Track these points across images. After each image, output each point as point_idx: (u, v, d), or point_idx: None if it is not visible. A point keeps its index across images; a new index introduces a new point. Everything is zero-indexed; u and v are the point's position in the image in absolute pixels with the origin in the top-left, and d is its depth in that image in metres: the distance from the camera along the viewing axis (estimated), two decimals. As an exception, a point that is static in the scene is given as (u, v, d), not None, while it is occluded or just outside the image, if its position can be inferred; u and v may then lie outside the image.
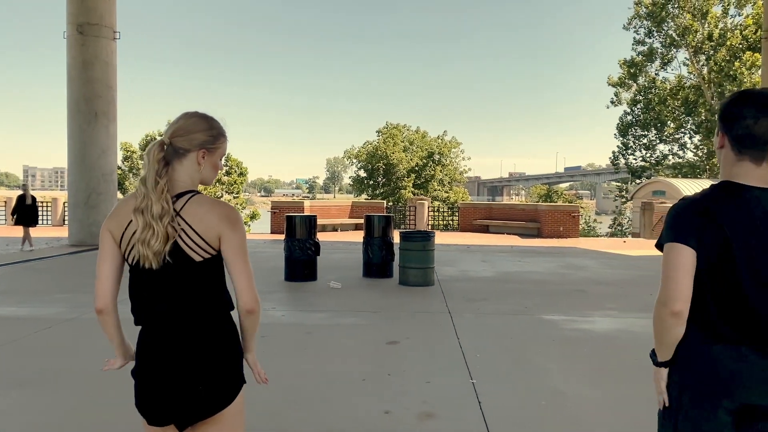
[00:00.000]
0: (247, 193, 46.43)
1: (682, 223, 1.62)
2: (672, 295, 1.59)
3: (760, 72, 15.69)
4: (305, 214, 12.57)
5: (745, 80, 31.62)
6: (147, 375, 1.81)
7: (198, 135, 1.85)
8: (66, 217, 21.83)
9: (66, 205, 21.98)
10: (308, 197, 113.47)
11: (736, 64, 32.68)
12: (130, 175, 33.41)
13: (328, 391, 4.22)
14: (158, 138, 1.89)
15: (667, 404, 1.69)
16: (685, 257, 1.59)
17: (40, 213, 22.45)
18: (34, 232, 14.43)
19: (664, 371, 1.70)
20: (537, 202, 44.97)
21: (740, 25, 33.43)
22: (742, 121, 1.62)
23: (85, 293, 7.96)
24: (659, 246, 1.68)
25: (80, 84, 14.20)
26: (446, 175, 43.17)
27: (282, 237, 9.73)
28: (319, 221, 11.74)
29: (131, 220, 1.78)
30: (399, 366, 4.84)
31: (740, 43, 32.47)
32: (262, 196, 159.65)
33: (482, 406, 3.93)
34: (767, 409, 1.58)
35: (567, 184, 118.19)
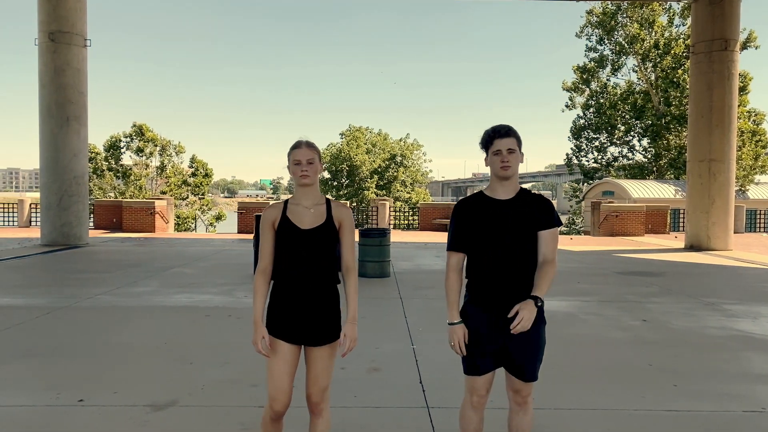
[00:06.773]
0: (210, 194, 46.69)
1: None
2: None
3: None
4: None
5: (687, 87, 33.65)
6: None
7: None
8: (32, 219, 22.16)
9: (32, 206, 22.29)
10: (272, 198, 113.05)
11: (680, 71, 34.78)
12: (94, 176, 33.42)
13: (295, 356, 5.15)
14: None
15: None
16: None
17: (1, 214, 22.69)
18: (2, 232, 14.85)
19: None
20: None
21: (683, 34, 35.51)
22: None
23: (70, 286, 8.70)
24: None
25: (52, 90, 14.72)
26: (408, 176, 44.37)
27: (249, 237, 10.60)
28: (285, 220, 12.61)
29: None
30: (354, 338, 5.80)
31: (683, 52, 34.52)
32: (226, 197, 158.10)
33: (418, 363, 4.94)
34: None
35: (530, 185, 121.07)
